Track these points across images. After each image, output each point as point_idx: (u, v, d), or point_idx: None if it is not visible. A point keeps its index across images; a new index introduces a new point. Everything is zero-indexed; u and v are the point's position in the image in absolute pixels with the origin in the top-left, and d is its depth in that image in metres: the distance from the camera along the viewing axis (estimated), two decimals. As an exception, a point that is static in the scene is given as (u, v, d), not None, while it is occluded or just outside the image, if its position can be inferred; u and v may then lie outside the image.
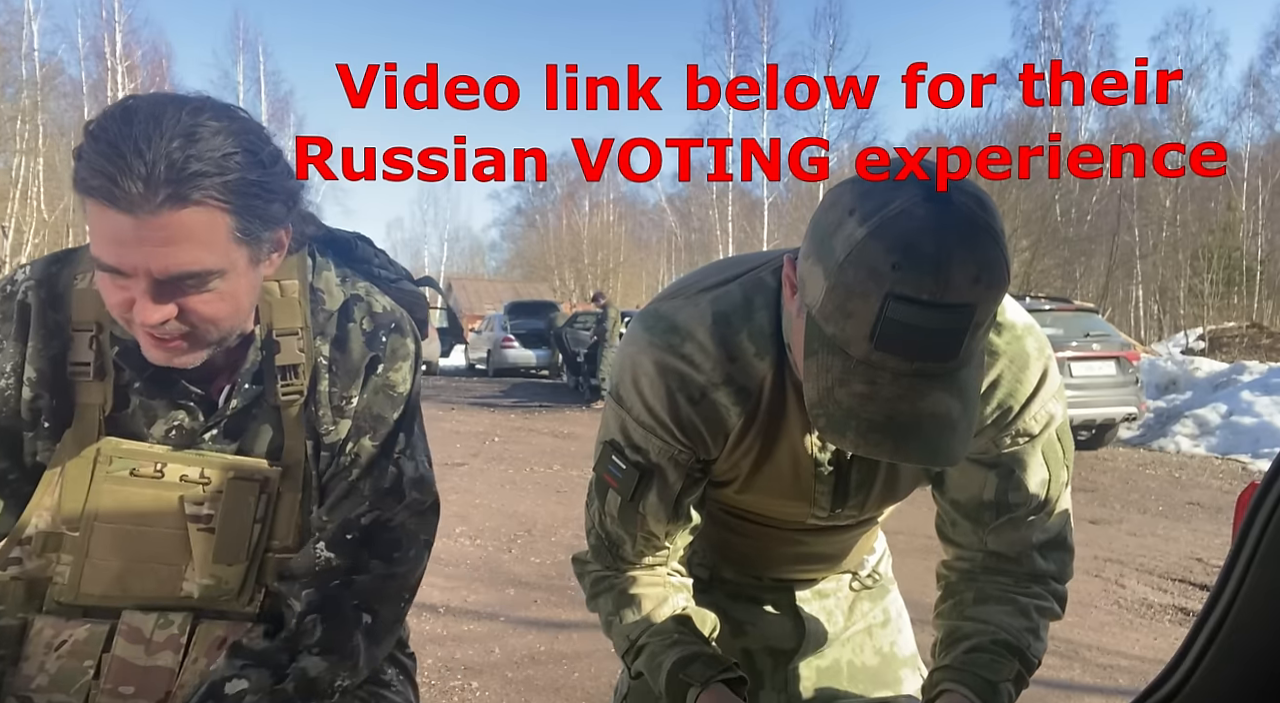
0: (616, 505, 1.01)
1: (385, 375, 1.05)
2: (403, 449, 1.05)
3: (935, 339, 0.71)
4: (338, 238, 1.15)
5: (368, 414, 1.04)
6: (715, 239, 32.71)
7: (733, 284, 0.95)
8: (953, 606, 1.03)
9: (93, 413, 0.98)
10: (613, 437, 0.99)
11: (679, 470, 0.98)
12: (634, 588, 1.04)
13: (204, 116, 0.85)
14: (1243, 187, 26.53)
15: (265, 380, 1.00)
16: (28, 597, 0.97)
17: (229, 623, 0.99)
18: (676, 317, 0.94)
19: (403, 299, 1.15)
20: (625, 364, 0.97)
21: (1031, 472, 0.97)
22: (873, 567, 1.31)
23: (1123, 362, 8.50)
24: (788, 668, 1.21)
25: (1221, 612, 0.85)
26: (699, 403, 0.93)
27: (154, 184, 0.80)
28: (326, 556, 1.00)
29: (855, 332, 0.72)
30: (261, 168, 0.88)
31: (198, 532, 0.98)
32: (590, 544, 1.08)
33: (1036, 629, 0.98)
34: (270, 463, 1.00)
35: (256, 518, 0.99)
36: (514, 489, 6.55)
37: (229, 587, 0.99)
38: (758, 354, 0.92)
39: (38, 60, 24.00)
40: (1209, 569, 4.68)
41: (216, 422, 1.00)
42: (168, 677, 0.96)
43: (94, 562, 0.96)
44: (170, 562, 0.98)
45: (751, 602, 1.24)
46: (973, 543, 1.02)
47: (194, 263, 0.85)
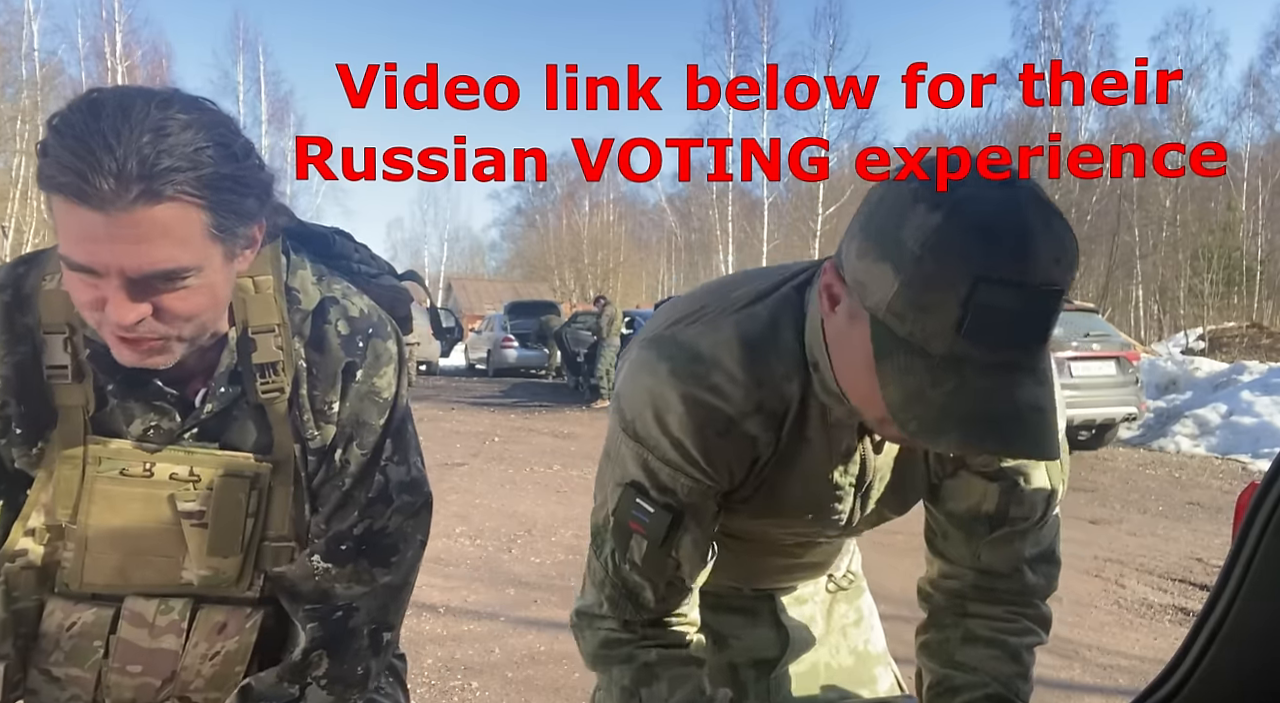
0: (642, 552, 0.92)
1: (369, 381, 1.03)
2: (389, 456, 1.04)
3: (1025, 325, 0.68)
4: (314, 233, 1.12)
5: (354, 421, 1.02)
6: (715, 239, 32.70)
7: (757, 305, 0.90)
8: (940, 645, 1.01)
9: (76, 414, 0.97)
10: (634, 478, 0.91)
11: (711, 507, 0.93)
12: (658, 665, 0.95)
13: (172, 110, 0.82)
14: (1243, 187, 26.53)
15: (244, 380, 0.99)
16: (39, 581, 1.00)
17: (229, 608, 1.01)
18: (700, 344, 0.88)
19: (383, 296, 1.13)
20: (643, 399, 0.89)
21: (1035, 484, 0.96)
22: (846, 567, 1.31)
23: (1123, 362, 8.50)
24: (769, 678, 1.19)
25: (1221, 612, 0.85)
26: (727, 435, 0.88)
27: (126, 180, 0.78)
28: (324, 566, 1.00)
29: (938, 325, 0.68)
30: (235, 161, 0.86)
31: (191, 527, 0.98)
32: (604, 595, 0.97)
33: (1026, 673, 0.98)
34: (261, 458, 1.00)
35: (249, 513, 0.99)
36: (514, 489, 6.55)
37: (227, 576, 1.00)
38: (785, 376, 0.88)
39: (38, 60, 24.01)
40: (1209, 569, 4.68)
41: (194, 423, 0.99)
42: (172, 658, 0.99)
43: (94, 555, 0.98)
44: (167, 555, 0.99)
45: (734, 613, 1.21)
46: (963, 557, 1.01)
47: (169, 260, 0.83)
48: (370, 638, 1.03)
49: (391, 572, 1.04)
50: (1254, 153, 26.92)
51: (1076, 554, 4.85)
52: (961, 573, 1.02)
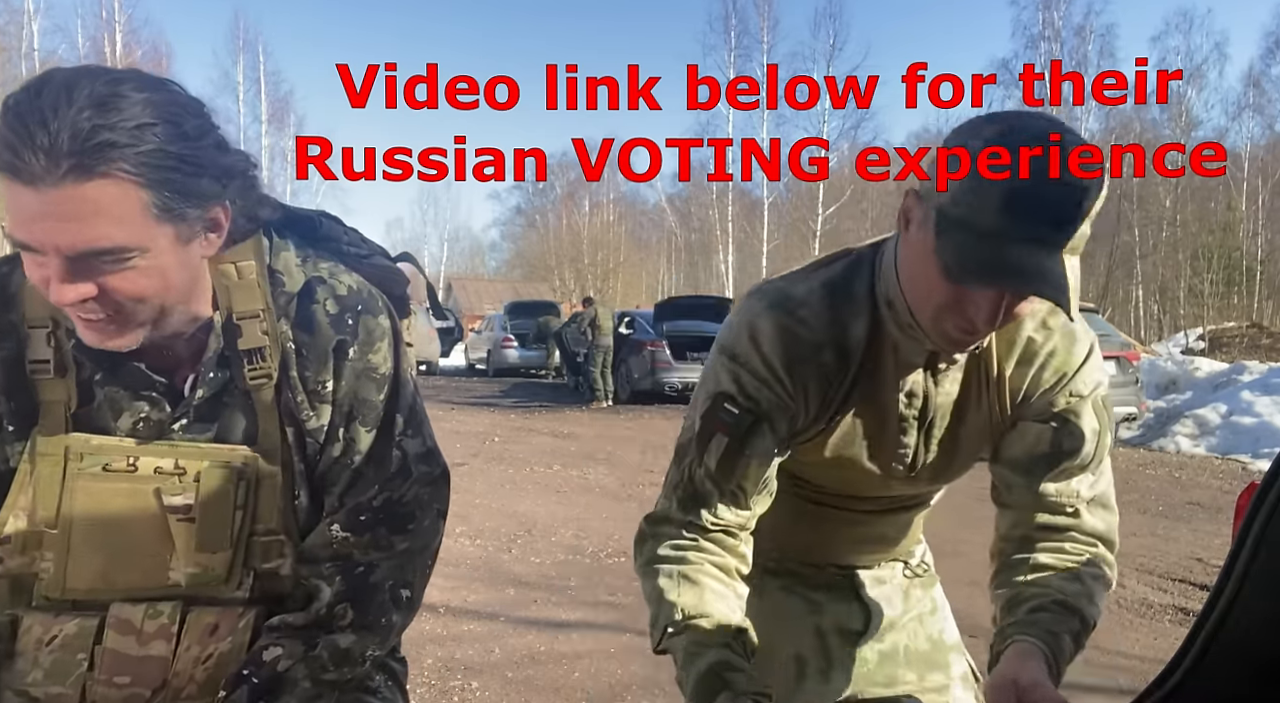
0: (719, 453, 1.05)
1: (364, 358, 1.02)
2: (403, 430, 1.05)
3: (1056, 209, 0.85)
4: (299, 217, 1.10)
5: (353, 399, 1.01)
6: (715, 239, 32.72)
7: (836, 263, 1.09)
8: (1010, 575, 1.08)
9: (58, 410, 0.95)
10: (724, 389, 1.06)
11: (786, 423, 1.06)
12: (702, 576, 1.05)
13: (125, 87, 0.80)
14: (1243, 187, 26.53)
15: (231, 366, 0.97)
16: (14, 594, 0.96)
17: (220, 609, 0.98)
18: (792, 289, 1.07)
19: (375, 275, 1.12)
20: (742, 325, 1.06)
21: (1085, 422, 1.07)
22: (920, 557, 1.40)
23: (1123, 362, 8.51)
24: (854, 649, 1.29)
25: (1221, 612, 0.85)
26: (808, 361, 1.04)
27: (56, 155, 0.76)
28: (342, 535, 1.01)
29: (987, 203, 0.86)
30: (185, 140, 0.83)
31: (178, 522, 0.96)
32: (676, 497, 1.09)
33: (1091, 595, 1.04)
34: (247, 448, 0.99)
35: (237, 505, 0.97)
36: (514, 489, 6.55)
37: (216, 574, 0.98)
38: (854, 316, 1.05)
39: (38, 60, 23.99)
40: (1209, 569, 4.68)
41: (184, 411, 0.97)
42: (162, 665, 0.95)
43: (76, 558, 0.95)
44: (153, 553, 0.96)
45: (819, 589, 1.32)
46: (1027, 503, 1.09)
47: (103, 239, 0.80)
48: (391, 593, 1.03)
49: (409, 538, 1.04)
50: (1254, 153, 26.93)
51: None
52: (1027, 518, 1.10)
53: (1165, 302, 26.04)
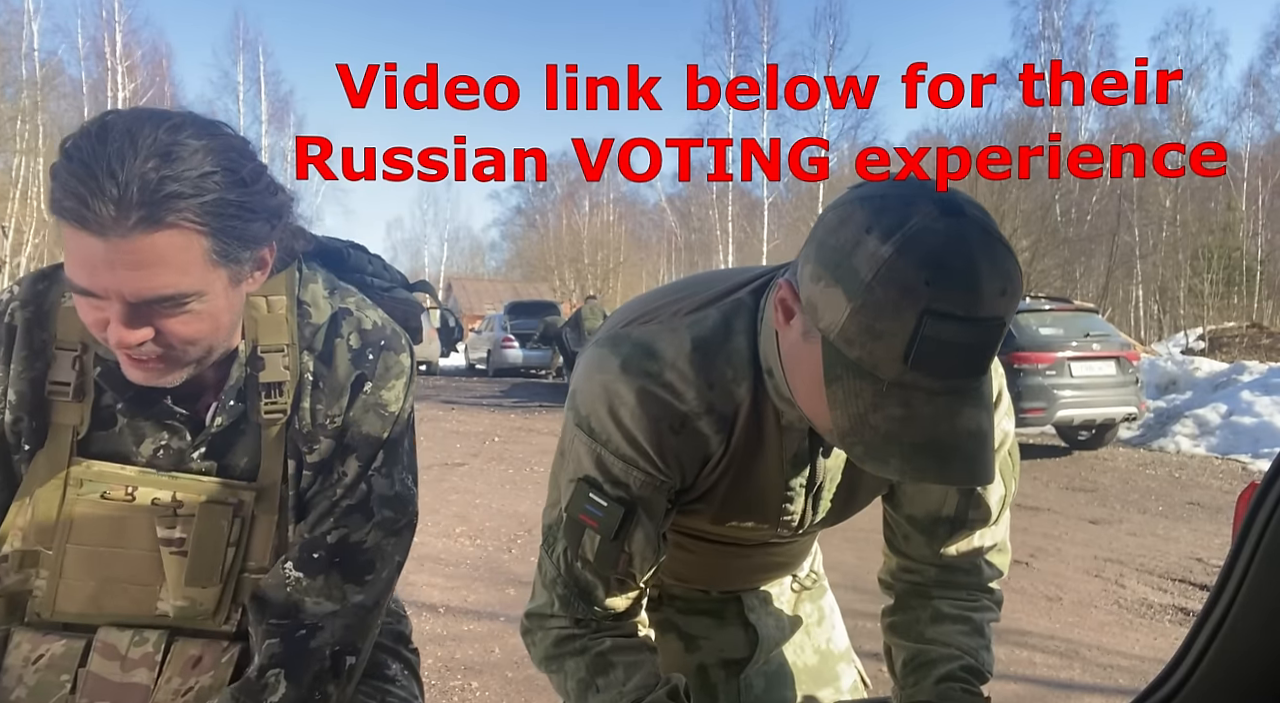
0: (594, 547, 0.93)
1: (376, 394, 1.01)
2: (378, 466, 1.02)
3: (970, 356, 0.71)
4: (329, 248, 1.12)
5: (356, 433, 1.01)
6: (715, 239, 32.72)
7: (710, 308, 0.92)
8: (909, 624, 1.05)
9: (65, 434, 0.96)
10: (586, 473, 0.92)
11: (662, 502, 0.94)
12: (612, 653, 0.96)
13: (183, 134, 0.81)
14: (1243, 187, 26.53)
15: (249, 398, 0.98)
16: (8, 610, 0.96)
17: (204, 642, 0.98)
18: (656, 343, 0.90)
19: (395, 309, 1.12)
20: (597, 394, 0.91)
21: (991, 488, 1.00)
22: (810, 567, 1.32)
23: (1123, 362, 8.50)
24: (739, 678, 1.20)
25: (1221, 612, 0.85)
26: (680, 432, 0.90)
27: (126, 206, 0.77)
28: (295, 575, 0.97)
29: (886, 353, 0.70)
30: (242, 186, 0.85)
31: (170, 555, 0.96)
32: (556, 595, 0.98)
33: (989, 645, 1.03)
34: (246, 484, 0.99)
35: (230, 541, 0.97)
36: (514, 489, 6.54)
37: (204, 608, 0.97)
38: (735, 380, 0.90)
39: (38, 60, 24.04)
40: (1209, 569, 4.68)
41: (204, 440, 0.98)
42: (143, 693, 0.95)
43: (69, 581, 0.95)
44: (144, 583, 0.97)
45: (702, 615, 1.22)
46: (924, 556, 1.05)
47: (168, 286, 0.82)
48: (333, 660, 0.97)
49: (364, 591, 1.00)
50: (1254, 153, 26.93)
51: (1076, 554, 4.84)
52: (923, 569, 1.06)
53: (1165, 302, 26.02)
